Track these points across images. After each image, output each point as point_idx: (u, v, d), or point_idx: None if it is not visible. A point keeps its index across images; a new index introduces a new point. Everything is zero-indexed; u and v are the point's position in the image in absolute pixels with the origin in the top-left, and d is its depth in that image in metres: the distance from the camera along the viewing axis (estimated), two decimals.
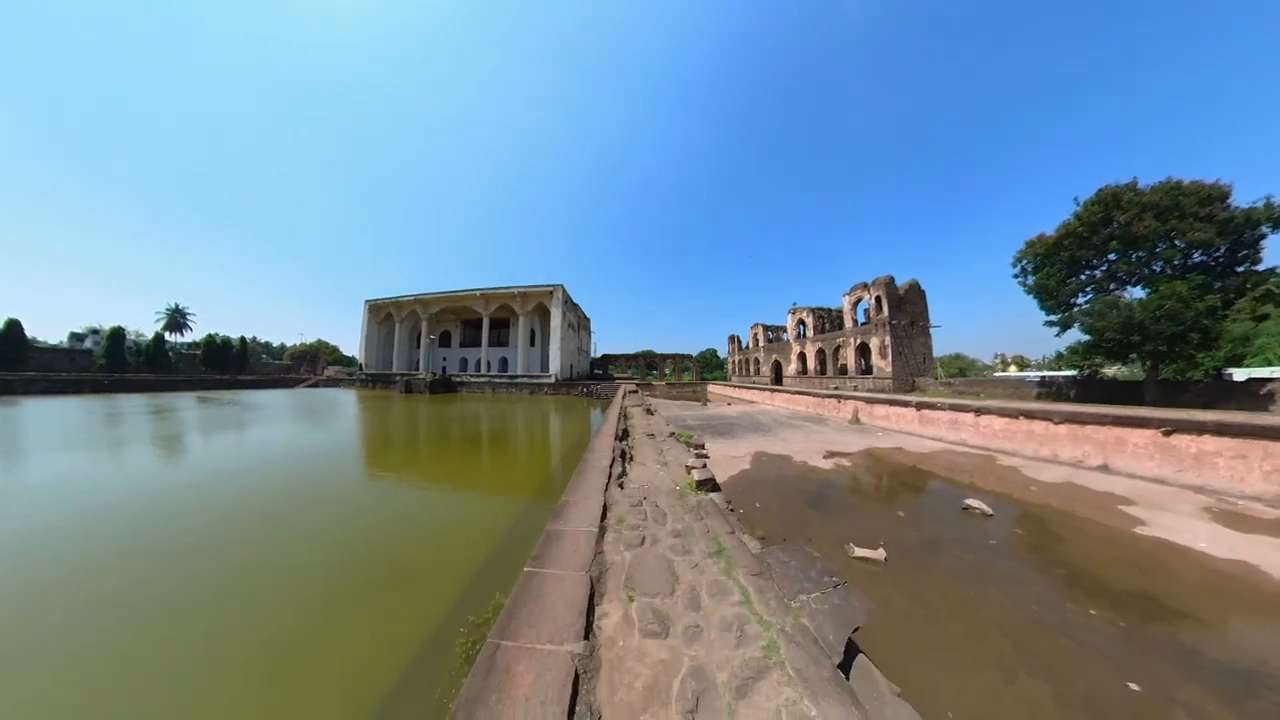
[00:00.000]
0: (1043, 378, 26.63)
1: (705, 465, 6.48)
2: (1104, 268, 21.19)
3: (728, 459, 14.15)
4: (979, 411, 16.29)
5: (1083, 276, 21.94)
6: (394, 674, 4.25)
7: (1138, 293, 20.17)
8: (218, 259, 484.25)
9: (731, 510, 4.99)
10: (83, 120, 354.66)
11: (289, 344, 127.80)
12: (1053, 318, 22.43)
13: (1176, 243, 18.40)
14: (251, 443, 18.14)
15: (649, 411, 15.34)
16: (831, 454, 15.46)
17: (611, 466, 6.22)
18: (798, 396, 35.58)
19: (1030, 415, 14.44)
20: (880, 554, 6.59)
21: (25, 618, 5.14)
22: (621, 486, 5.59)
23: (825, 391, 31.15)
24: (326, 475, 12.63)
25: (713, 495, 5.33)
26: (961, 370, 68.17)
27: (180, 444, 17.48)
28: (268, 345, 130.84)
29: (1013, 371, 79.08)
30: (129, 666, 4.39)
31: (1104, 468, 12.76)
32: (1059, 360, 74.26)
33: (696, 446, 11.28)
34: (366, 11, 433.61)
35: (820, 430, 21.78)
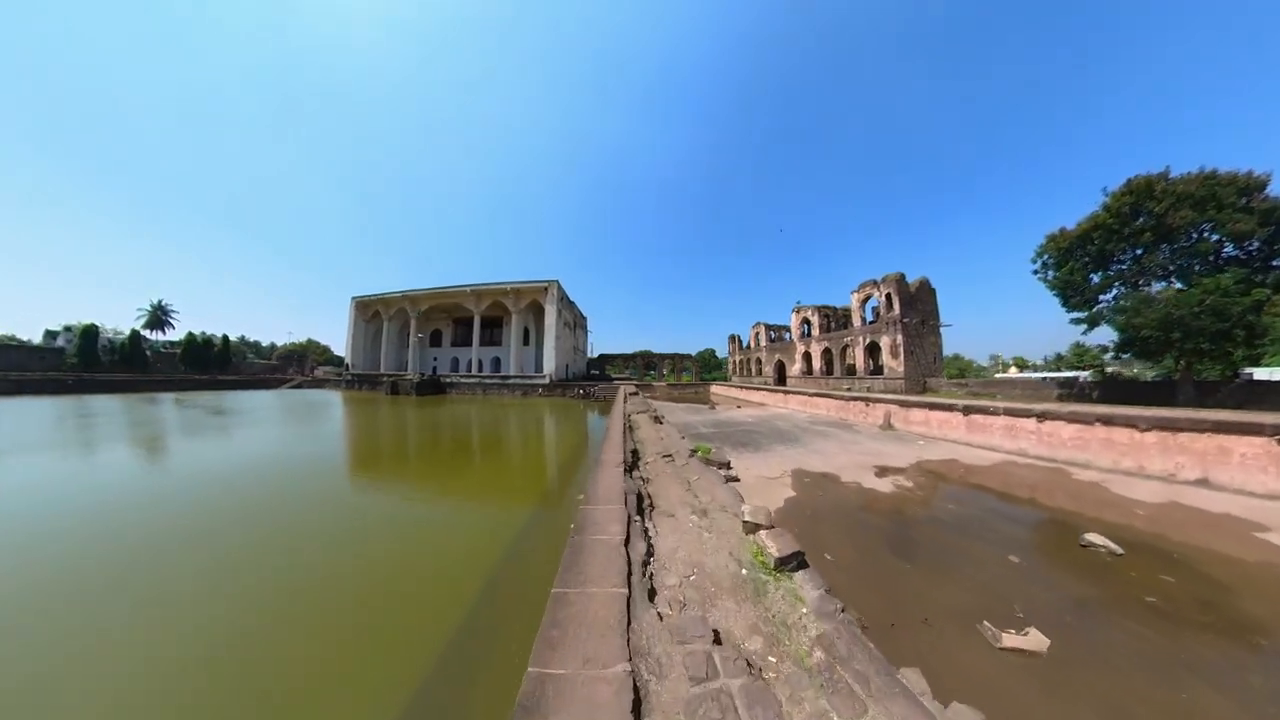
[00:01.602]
0: (1060, 378, 25.12)
1: (769, 517, 4.21)
2: (1129, 262, 19.90)
3: (763, 482, 11.54)
4: (1042, 417, 14.19)
5: (1110, 271, 20.64)
6: None
7: (1159, 288, 19.17)
8: (218, 259, 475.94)
9: (846, 613, 2.77)
10: (85, 121, 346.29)
11: (280, 343, 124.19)
12: (1079, 315, 21.27)
13: (1210, 235, 17.32)
14: (162, 463, 14.69)
15: (657, 420, 12.98)
16: (883, 471, 13.11)
17: (628, 540, 3.56)
18: (817, 399, 32.74)
19: (1109, 421, 12.38)
20: (1038, 641, 4.40)
21: None
22: (653, 594, 3.06)
23: (851, 394, 28.42)
24: (242, 505, 9.88)
25: (802, 579, 3.16)
26: (961, 371, 66.72)
27: (91, 458, 14.98)
28: (256, 345, 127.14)
29: (1014, 372, 77.63)
30: None
31: (1203, 482, 10.74)
32: (1058, 361, 73.24)
33: (721, 465, 9.21)
34: (366, 11, 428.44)
35: (854, 439, 19.40)
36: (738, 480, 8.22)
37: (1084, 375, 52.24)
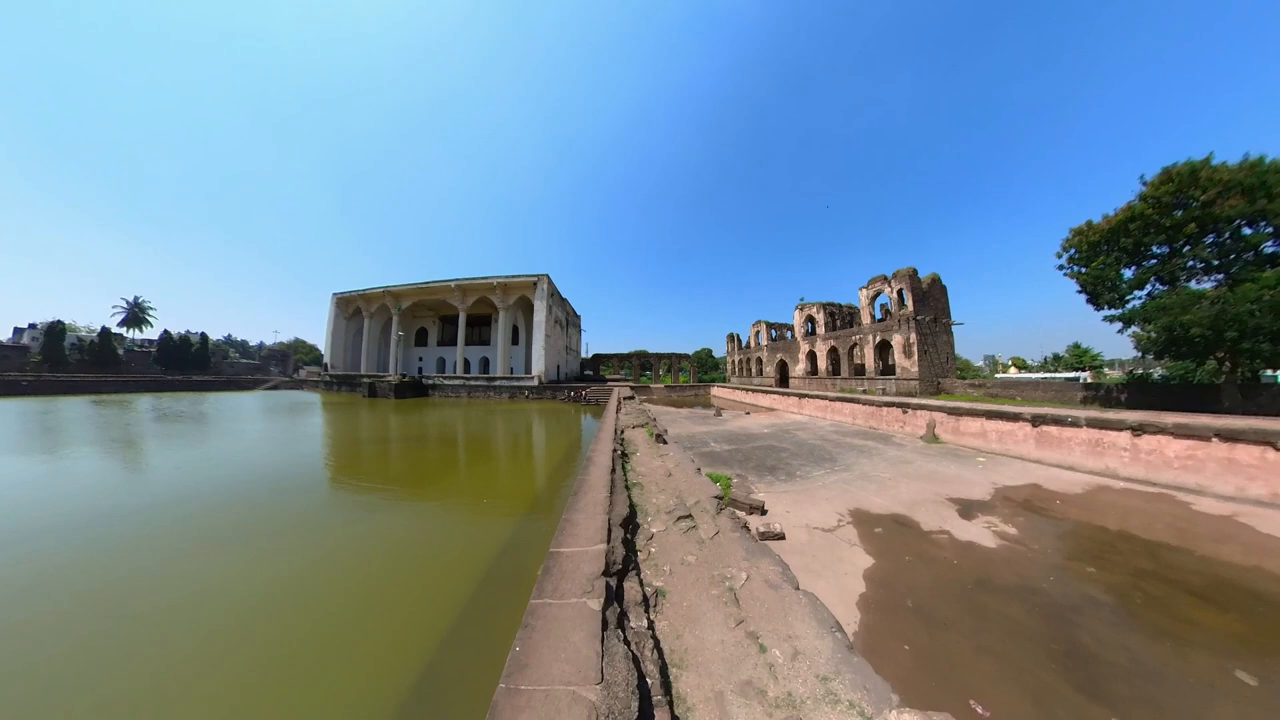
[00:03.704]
0: (1069, 379, 23.24)
1: None
2: (1167, 256, 18.74)
3: (818, 539, 7.85)
4: (1139, 430, 11.75)
5: (1144, 266, 19.45)
6: None
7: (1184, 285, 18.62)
8: (221, 259, 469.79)
9: None
10: (95, 125, 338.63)
11: (268, 343, 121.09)
12: (1113, 313, 19.64)
13: (1265, 227, 16.36)
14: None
15: (659, 439, 10.14)
16: (965, 508, 10.01)
17: None
18: (839, 405, 28.75)
19: (1232, 437, 9.88)
20: None
21: None
22: None
23: (885, 399, 24.77)
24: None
25: None
26: (961, 372, 65.07)
27: None
28: (243, 344, 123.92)
29: (1013, 373, 75.97)
30: None
31: None
32: (1056, 362, 71.69)
33: (754, 508, 6.76)
34: (364, 12, 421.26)
35: (901, 455, 16.28)
36: (781, 538, 5.72)
37: (1084, 375, 50.94)
